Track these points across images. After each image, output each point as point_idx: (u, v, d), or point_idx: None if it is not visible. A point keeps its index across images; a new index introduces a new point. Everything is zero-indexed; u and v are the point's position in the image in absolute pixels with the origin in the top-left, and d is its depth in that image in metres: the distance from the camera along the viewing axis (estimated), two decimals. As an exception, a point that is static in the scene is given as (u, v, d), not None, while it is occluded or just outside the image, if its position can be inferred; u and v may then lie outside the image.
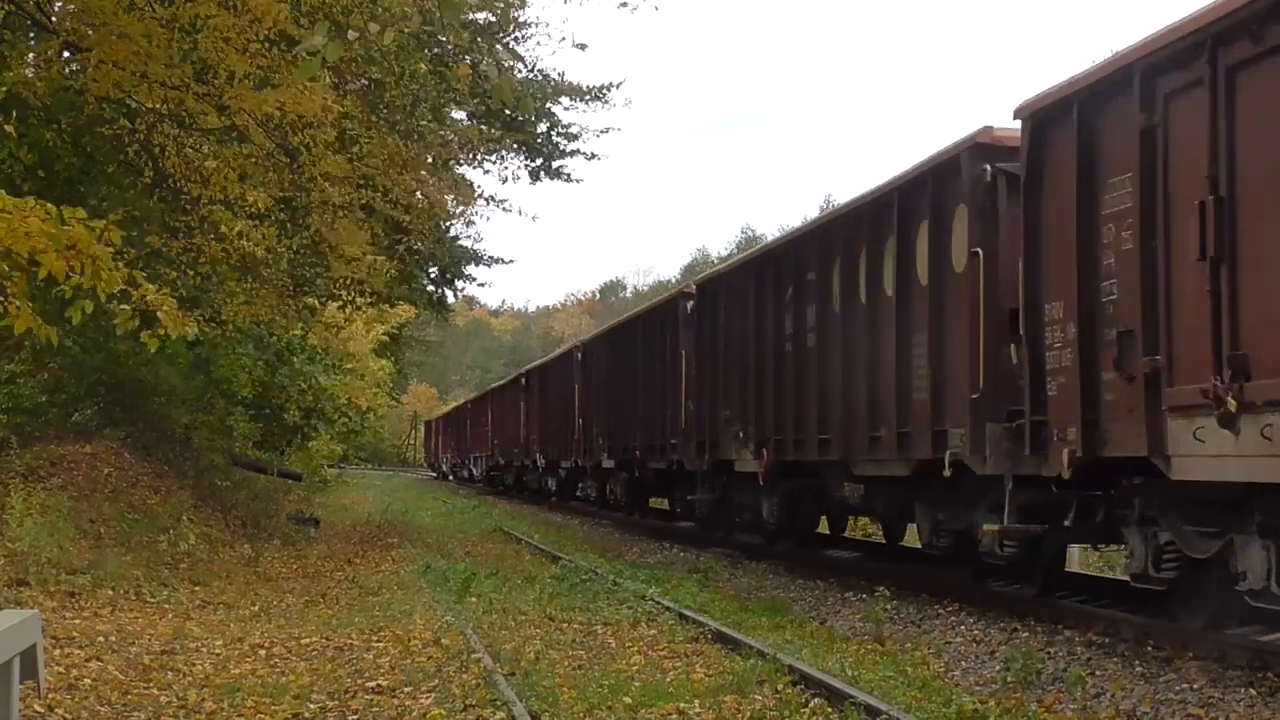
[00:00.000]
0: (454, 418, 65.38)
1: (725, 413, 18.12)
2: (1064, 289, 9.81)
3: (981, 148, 11.41)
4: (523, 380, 39.11)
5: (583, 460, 28.65)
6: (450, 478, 65.87)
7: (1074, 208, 9.66)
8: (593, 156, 24.40)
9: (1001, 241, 11.08)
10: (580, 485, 32.10)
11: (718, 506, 20.19)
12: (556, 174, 23.11)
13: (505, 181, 24.98)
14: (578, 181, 24.15)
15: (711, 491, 20.22)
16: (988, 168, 11.27)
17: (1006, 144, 11.20)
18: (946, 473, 11.50)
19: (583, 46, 13.17)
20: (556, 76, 21.70)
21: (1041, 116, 10.37)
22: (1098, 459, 9.41)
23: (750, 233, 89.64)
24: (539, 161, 22.60)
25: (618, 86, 22.30)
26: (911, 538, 15.68)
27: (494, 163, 22.18)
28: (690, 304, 20.45)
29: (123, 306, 7.93)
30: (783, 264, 16.29)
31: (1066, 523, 10.58)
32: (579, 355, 29.99)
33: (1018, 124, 10.65)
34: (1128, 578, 10.43)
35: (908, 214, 12.75)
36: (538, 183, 23.23)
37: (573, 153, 22.78)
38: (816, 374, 14.86)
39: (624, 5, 12.31)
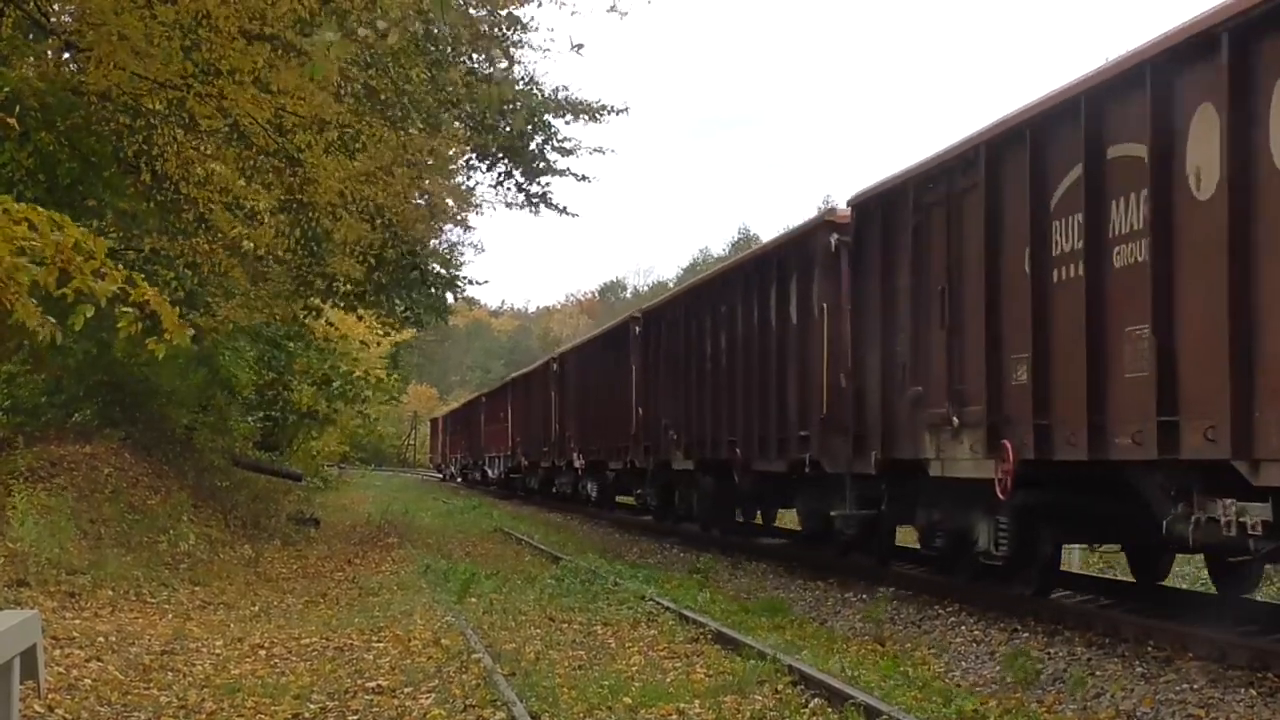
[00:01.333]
0: (464, 414, 59.36)
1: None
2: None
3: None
4: (555, 365, 34.02)
5: (641, 460, 23.42)
6: (459, 479, 60.97)
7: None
8: (583, 178, 23.75)
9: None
10: (639, 491, 25.95)
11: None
12: (548, 203, 23.05)
13: (510, 207, 24.82)
14: (573, 215, 24.07)
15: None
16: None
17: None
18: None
19: (579, 47, 13.11)
20: (551, 91, 21.63)
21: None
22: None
23: (747, 232, 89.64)
24: (528, 181, 22.53)
25: (616, 112, 22.18)
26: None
27: (485, 171, 22.20)
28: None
29: (124, 310, 7.93)
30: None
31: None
32: (637, 329, 24.06)
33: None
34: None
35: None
36: (537, 210, 23.18)
37: (563, 171, 22.70)
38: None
39: (613, 10, 12.43)
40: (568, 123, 22.22)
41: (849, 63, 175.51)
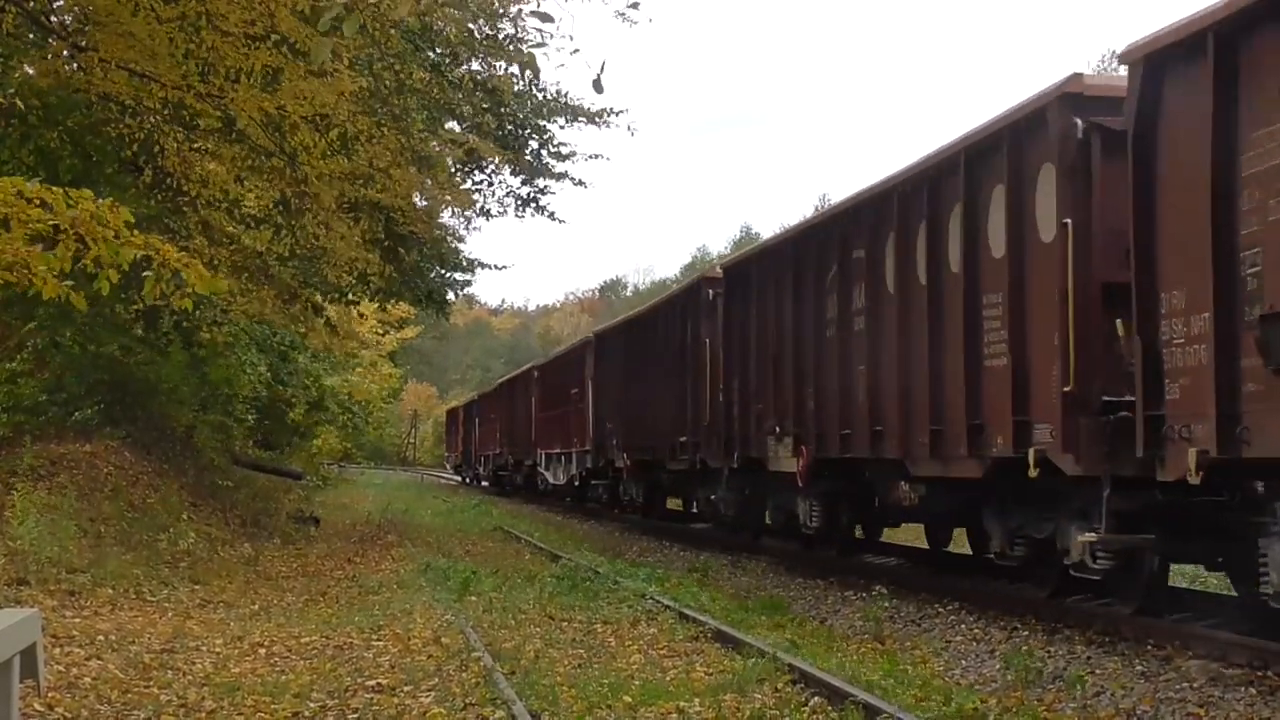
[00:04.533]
0: (501, 396, 45.37)
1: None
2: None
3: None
4: (590, 348, 29.01)
5: (717, 458, 18.81)
6: (483, 483, 50.76)
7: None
8: (579, 183, 23.65)
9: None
10: (712, 496, 20.38)
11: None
12: (541, 210, 23.01)
13: (490, 218, 24.70)
14: (561, 222, 24.09)
15: None
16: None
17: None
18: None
19: (575, 51, 13.10)
20: (553, 95, 21.59)
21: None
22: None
23: (748, 231, 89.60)
24: (526, 183, 22.49)
25: (616, 114, 22.11)
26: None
27: (482, 178, 22.15)
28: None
29: (146, 274, 8.01)
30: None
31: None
32: (712, 292, 19.54)
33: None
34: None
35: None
36: (523, 215, 23.13)
37: (561, 175, 22.67)
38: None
39: (622, 16, 12.44)
40: (562, 127, 22.18)
41: (849, 63, 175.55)
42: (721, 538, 20.53)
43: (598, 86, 6.14)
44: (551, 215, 23.07)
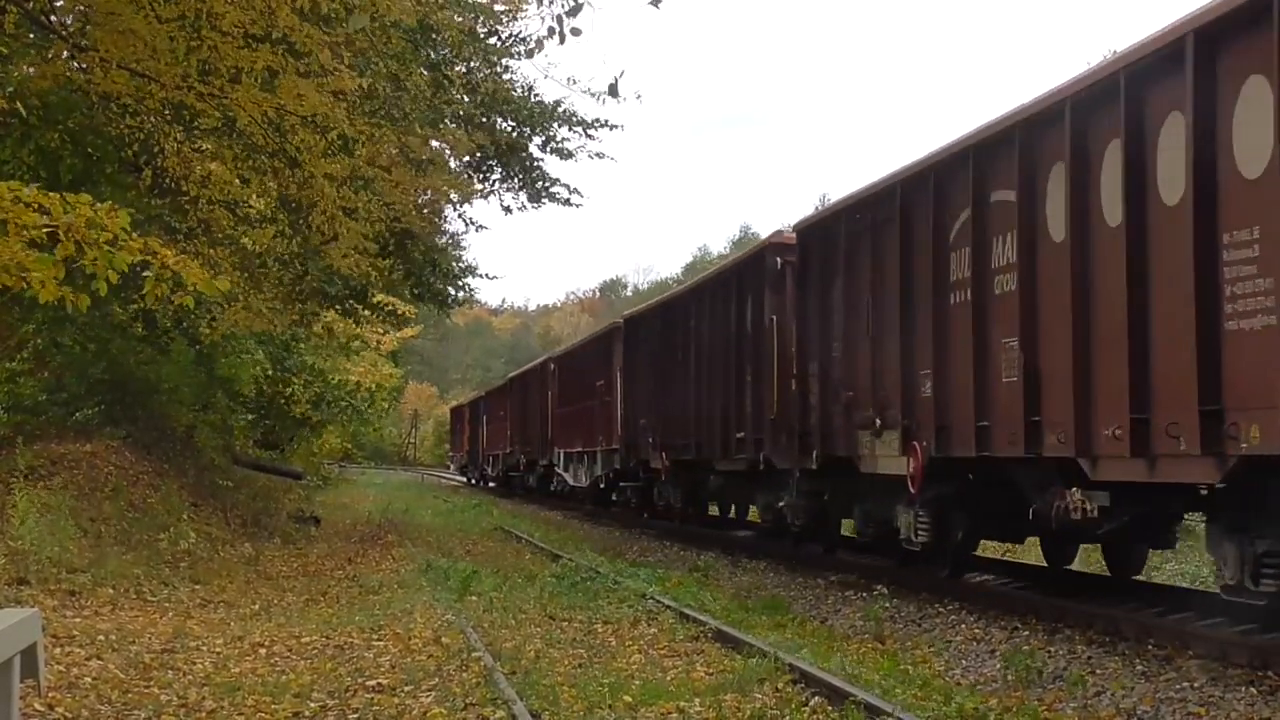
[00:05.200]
0: (512, 392, 41.70)
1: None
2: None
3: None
4: (618, 334, 26.06)
5: (787, 458, 16.12)
6: (490, 484, 47.75)
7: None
8: (574, 191, 23.18)
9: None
10: (780, 504, 17.29)
11: None
12: (553, 197, 22.89)
13: (509, 211, 24.57)
14: (577, 205, 23.70)
15: None
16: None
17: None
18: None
19: (576, 32, 12.93)
20: (551, 103, 21.56)
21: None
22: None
23: (747, 231, 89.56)
24: (529, 181, 22.41)
25: (613, 127, 22.04)
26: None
27: (489, 175, 22.10)
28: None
29: (146, 274, 8.03)
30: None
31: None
32: (780, 260, 16.88)
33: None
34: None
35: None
36: (539, 205, 22.99)
37: (556, 180, 22.61)
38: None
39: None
40: (566, 137, 22.14)
41: (849, 61, 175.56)
42: (779, 551, 17.80)
43: (613, 91, 6.17)
44: (566, 201, 22.81)
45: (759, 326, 17.01)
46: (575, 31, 7.13)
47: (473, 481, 54.59)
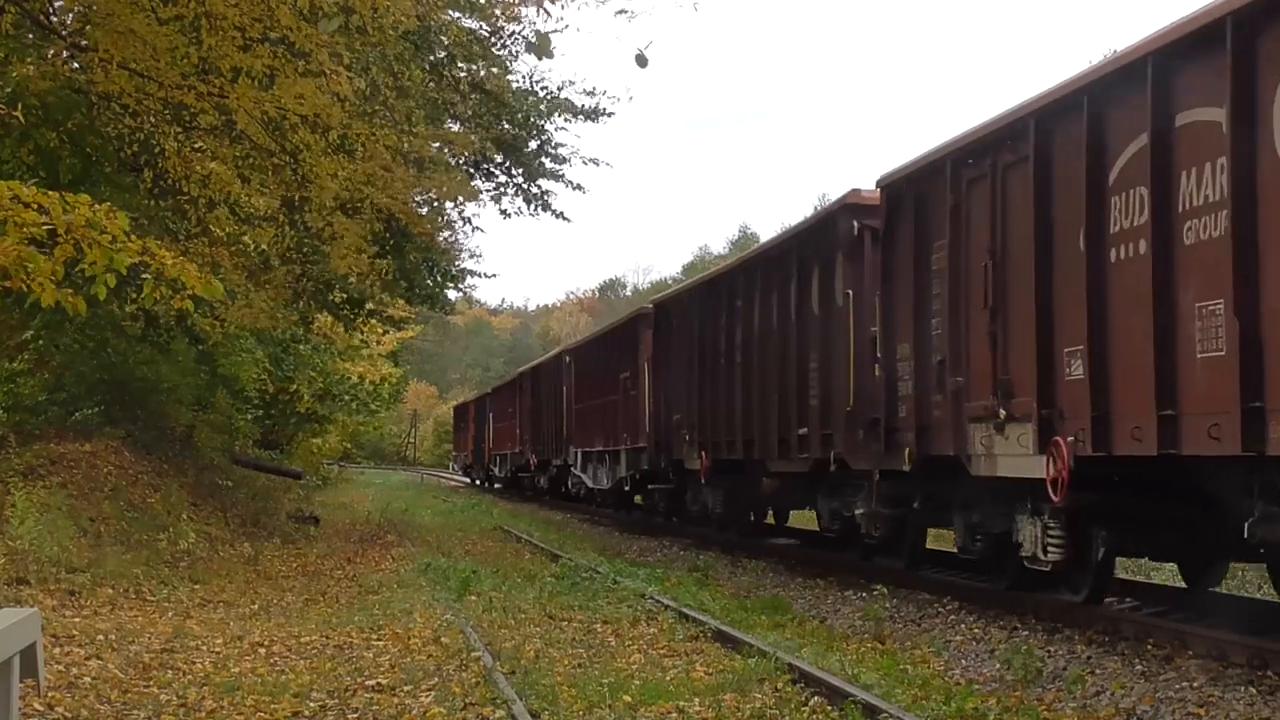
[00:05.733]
0: (521, 388, 39.25)
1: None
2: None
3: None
4: (647, 316, 23.65)
5: (865, 457, 13.74)
6: (496, 485, 46.05)
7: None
8: (577, 187, 23.46)
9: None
10: (862, 510, 14.13)
11: None
12: (549, 209, 22.99)
13: (507, 216, 24.64)
14: (568, 220, 23.89)
15: None
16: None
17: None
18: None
19: (548, 55, 12.92)
20: (555, 89, 21.59)
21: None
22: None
23: (746, 230, 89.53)
24: (530, 181, 22.45)
25: (609, 115, 22.09)
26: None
27: (489, 176, 22.13)
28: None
29: (145, 276, 8.05)
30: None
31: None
32: (856, 225, 14.23)
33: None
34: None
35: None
36: (537, 214, 23.07)
37: (559, 176, 22.66)
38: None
39: (621, 13, 12.55)
40: (560, 128, 22.16)
41: (849, 60, 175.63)
42: (833, 563, 15.90)
43: (641, 61, 6.21)
44: (560, 215, 23.02)
45: (829, 304, 14.51)
46: (548, 55, 7.20)
47: (477, 482, 52.72)
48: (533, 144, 21.49)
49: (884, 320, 13.11)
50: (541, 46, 8.19)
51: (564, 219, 23.35)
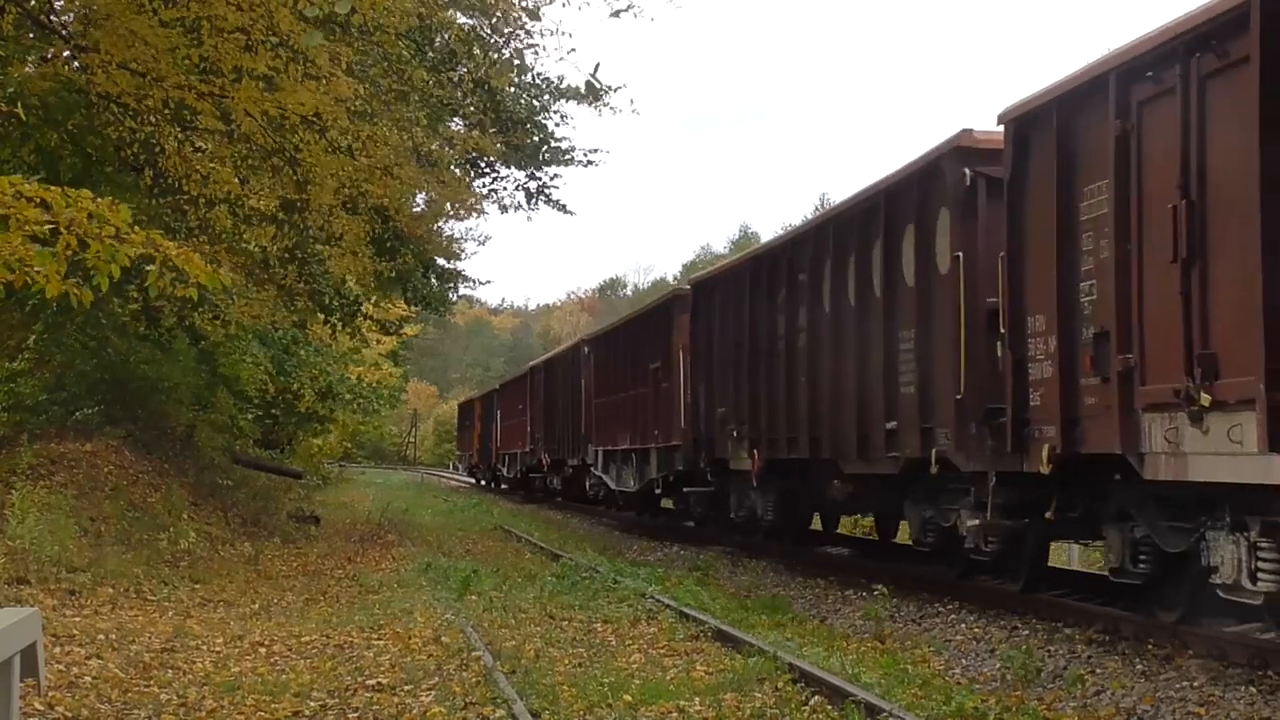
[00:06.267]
0: (533, 384, 36.70)
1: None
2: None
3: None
4: (685, 297, 21.06)
5: (984, 454, 11.23)
6: (503, 486, 43.85)
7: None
8: (588, 163, 23.79)
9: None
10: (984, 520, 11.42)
11: None
12: (550, 201, 23.03)
13: (506, 210, 24.62)
14: (570, 214, 23.93)
15: None
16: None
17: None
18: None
19: (524, 71, 12.98)
20: (556, 79, 21.62)
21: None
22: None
23: (746, 230, 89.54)
24: (532, 177, 22.47)
25: (614, 90, 22.12)
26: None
27: (490, 174, 22.16)
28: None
29: (148, 268, 8.08)
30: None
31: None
32: (963, 174, 11.98)
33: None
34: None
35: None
36: (536, 208, 23.12)
37: (567, 160, 22.69)
38: None
39: (617, 15, 12.52)
40: (562, 120, 22.19)
41: (849, 60, 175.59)
42: (833, 563, 15.35)
43: (591, 89, 6.19)
44: (562, 207, 22.99)
45: (927, 271, 12.18)
46: (522, 71, 7.25)
47: (483, 483, 50.56)
48: (535, 137, 21.50)
49: (1010, 288, 10.58)
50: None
51: (565, 211, 23.34)
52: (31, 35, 13.46)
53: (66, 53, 13.41)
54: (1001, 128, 10.78)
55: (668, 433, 21.37)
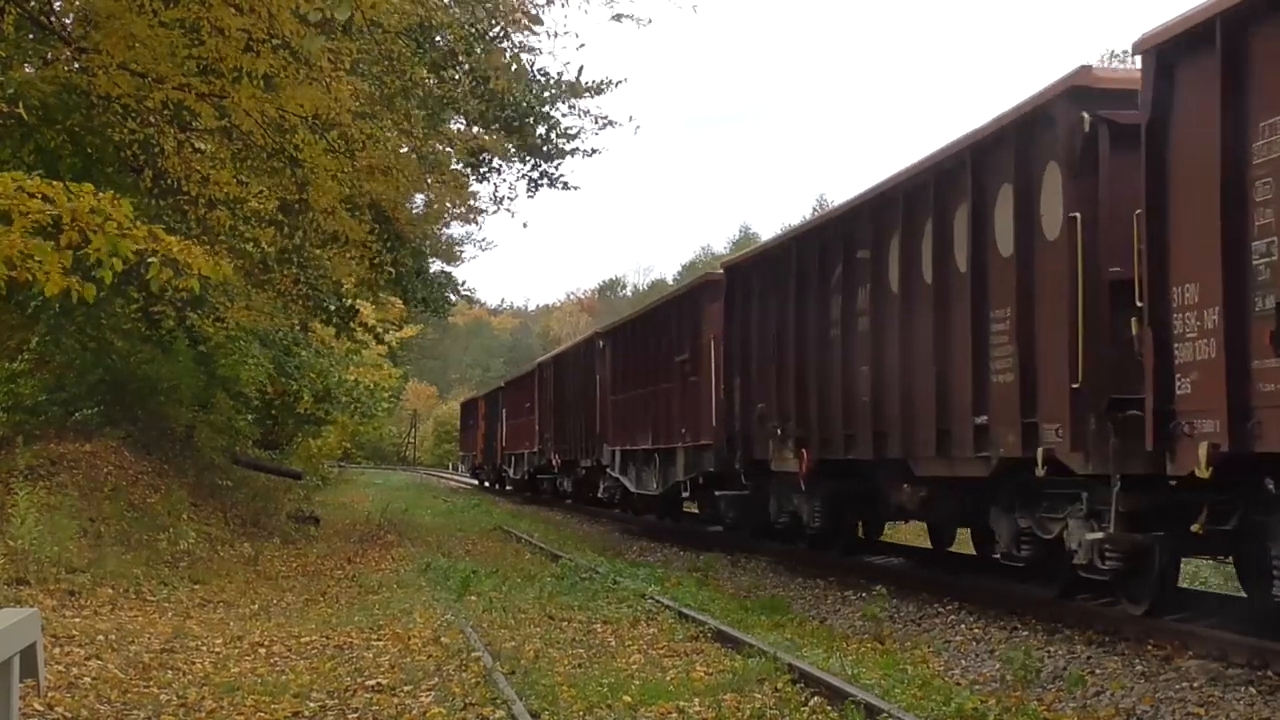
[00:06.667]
0: (541, 381, 35.10)
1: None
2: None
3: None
4: (723, 280, 18.99)
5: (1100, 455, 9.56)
6: (508, 487, 42.79)
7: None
8: (593, 152, 24.01)
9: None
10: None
11: None
12: (554, 182, 22.96)
13: (502, 201, 24.47)
14: (574, 189, 23.90)
15: None
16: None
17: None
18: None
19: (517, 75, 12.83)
20: (556, 75, 21.63)
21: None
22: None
23: (747, 230, 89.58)
24: (535, 168, 22.42)
25: (617, 84, 22.08)
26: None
27: (492, 170, 22.11)
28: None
29: (150, 260, 8.11)
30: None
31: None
32: (1084, 122, 9.98)
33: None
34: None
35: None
36: (535, 193, 23.08)
37: (573, 151, 22.69)
38: None
39: (618, 18, 12.50)
40: (565, 114, 22.18)
41: (848, 60, 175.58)
42: (832, 563, 14.81)
43: (575, 91, 6.23)
44: (565, 185, 22.71)
45: (1030, 237, 10.48)
46: (520, 75, 7.30)
47: (488, 484, 48.79)
48: (541, 129, 21.43)
49: (1150, 252, 8.87)
50: (517, 72, 8.27)
51: (569, 187, 23.02)
52: (31, 36, 13.46)
53: (67, 53, 13.39)
54: (1137, 60, 9.07)
55: (696, 431, 19.74)
